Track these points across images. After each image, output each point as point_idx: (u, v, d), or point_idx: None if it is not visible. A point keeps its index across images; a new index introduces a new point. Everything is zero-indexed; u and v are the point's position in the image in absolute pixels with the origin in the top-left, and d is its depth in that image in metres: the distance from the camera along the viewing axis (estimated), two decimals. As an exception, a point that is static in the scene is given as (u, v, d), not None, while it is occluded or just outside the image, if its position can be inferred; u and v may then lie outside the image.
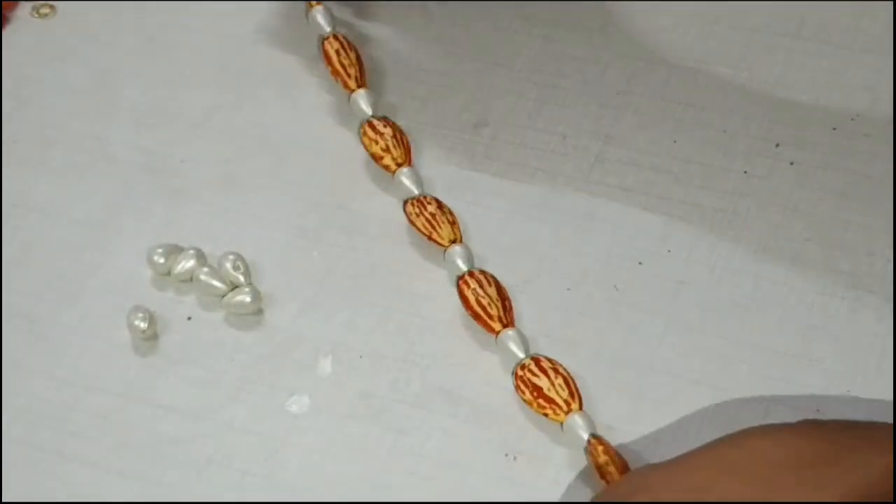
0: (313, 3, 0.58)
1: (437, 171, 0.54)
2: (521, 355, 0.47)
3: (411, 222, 0.51)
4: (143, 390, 0.49)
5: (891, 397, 0.46)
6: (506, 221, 0.52)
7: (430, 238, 0.51)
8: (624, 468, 0.44)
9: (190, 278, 0.51)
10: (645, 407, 0.47)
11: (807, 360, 0.47)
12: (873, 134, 0.53)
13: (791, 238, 0.51)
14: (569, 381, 0.46)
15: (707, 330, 0.48)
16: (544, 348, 0.48)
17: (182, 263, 0.51)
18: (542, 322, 0.49)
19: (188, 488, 0.46)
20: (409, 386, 0.48)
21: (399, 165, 0.53)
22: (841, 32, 0.57)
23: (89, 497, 0.46)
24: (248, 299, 0.50)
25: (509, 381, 0.47)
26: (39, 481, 0.47)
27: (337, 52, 0.56)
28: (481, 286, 0.49)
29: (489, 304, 0.48)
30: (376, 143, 0.53)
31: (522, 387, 0.46)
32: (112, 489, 0.46)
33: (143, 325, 0.50)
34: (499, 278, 0.50)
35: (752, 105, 0.55)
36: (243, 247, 0.52)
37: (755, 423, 0.46)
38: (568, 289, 0.50)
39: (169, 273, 0.52)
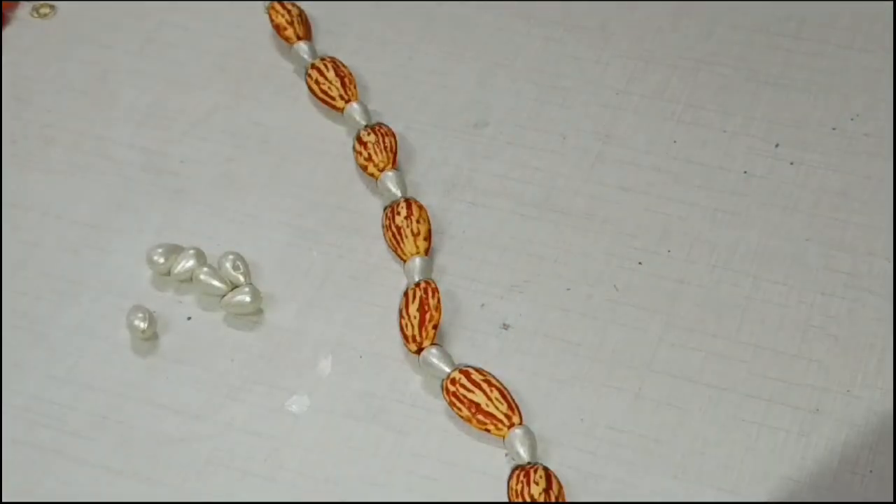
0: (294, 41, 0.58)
1: (437, 172, 0.54)
2: (447, 369, 0.47)
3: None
4: (143, 390, 0.49)
5: (891, 397, 0.46)
6: (506, 221, 0.52)
7: (395, 253, 0.51)
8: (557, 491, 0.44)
9: (190, 278, 0.51)
10: (645, 407, 0.47)
11: (807, 360, 0.47)
12: (873, 134, 0.53)
13: (791, 238, 0.51)
14: (505, 394, 0.46)
15: (707, 330, 0.48)
16: (545, 348, 0.48)
17: (182, 263, 0.51)
18: (542, 322, 0.49)
19: (188, 488, 0.46)
20: (408, 386, 0.48)
21: (382, 171, 0.53)
22: (841, 32, 0.57)
23: (89, 497, 0.46)
24: (247, 299, 0.50)
25: (509, 379, 0.47)
26: (39, 481, 0.47)
27: (316, 81, 0.56)
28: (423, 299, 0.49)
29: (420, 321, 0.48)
30: (360, 154, 0.54)
31: (458, 403, 0.46)
32: (112, 489, 0.46)
33: (142, 325, 0.50)
34: (499, 278, 0.50)
35: (752, 105, 0.55)
36: (243, 247, 0.52)
37: (755, 422, 0.46)
38: (568, 289, 0.50)
39: (169, 273, 0.52)
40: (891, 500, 0.44)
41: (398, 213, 0.51)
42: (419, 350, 0.48)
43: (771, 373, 0.47)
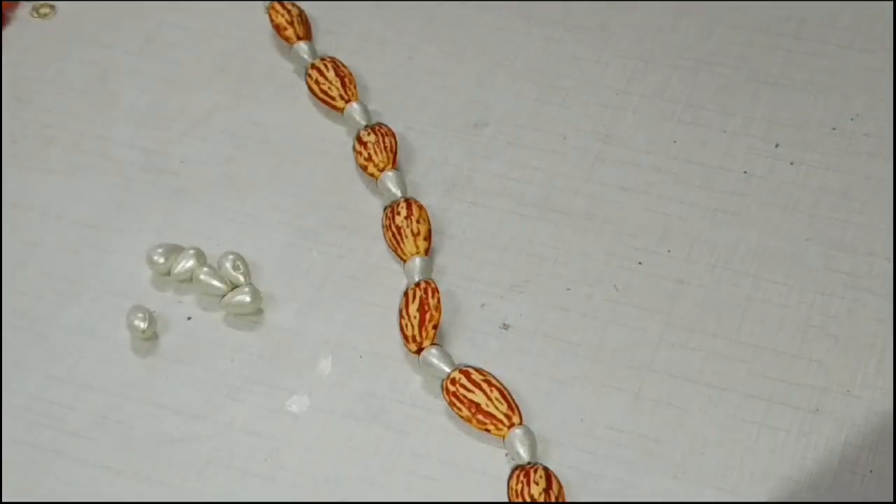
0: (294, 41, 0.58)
1: (437, 172, 0.54)
2: (447, 369, 0.47)
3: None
4: (143, 390, 0.49)
5: (891, 397, 0.46)
6: (506, 221, 0.52)
7: (395, 253, 0.51)
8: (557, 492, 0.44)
9: (190, 278, 0.51)
10: (645, 407, 0.47)
11: (807, 360, 0.47)
12: (873, 134, 0.53)
13: (791, 238, 0.51)
14: (505, 394, 0.46)
15: (707, 330, 0.48)
16: (545, 348, 0.48)
17: (182, 263, 0.51)
18: (542, 322, 0.49)
19: (188, 488, 0.46)
20: (408, 386, 0.48)
21: (382, 171, 0.53)
22: (841, 32, 0.57)
23: (89, 497, 0.46)
24: (247, 299, 0.50)
25: (509, 379, 0.47)
26: (39, 481, 0.47)
27: (316, 81, 0.56)
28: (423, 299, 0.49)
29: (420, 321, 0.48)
30: (360, 154, 0.54)
31: (458, 403, 0.46)
32: (112, 489, 0.46)
33: (142, 325, 0.50)
34: (499, 278, 0.50)
35: (752, 105, 0.55)
36: (243, 247, 0.52)
37: (755, 422, 0.46)
38: (568, 289, 0.50)
39: (169, 273, 0.52)
40: (891, 500, 0.44)
41: (398, 213, 0.51)
42: (419, 350, 0.48)
43: (771, 373, 0.47)
